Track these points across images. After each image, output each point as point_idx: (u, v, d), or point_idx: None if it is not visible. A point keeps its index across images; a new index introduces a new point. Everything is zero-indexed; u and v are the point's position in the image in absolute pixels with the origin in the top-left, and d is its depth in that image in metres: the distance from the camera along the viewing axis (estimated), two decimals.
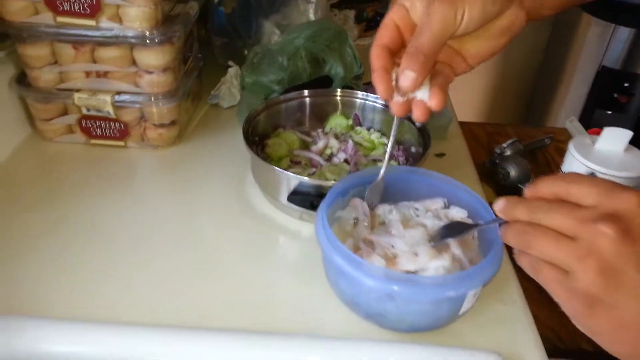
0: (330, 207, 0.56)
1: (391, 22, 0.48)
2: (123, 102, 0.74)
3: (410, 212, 0.59)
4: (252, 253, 0.64)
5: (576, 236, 0.34)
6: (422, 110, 0.50)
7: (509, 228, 0.39)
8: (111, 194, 0.72)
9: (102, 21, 0.69)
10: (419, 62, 0.46)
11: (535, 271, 0.37)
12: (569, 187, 0.36)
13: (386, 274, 0.47)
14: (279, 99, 0.79)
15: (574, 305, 0.35)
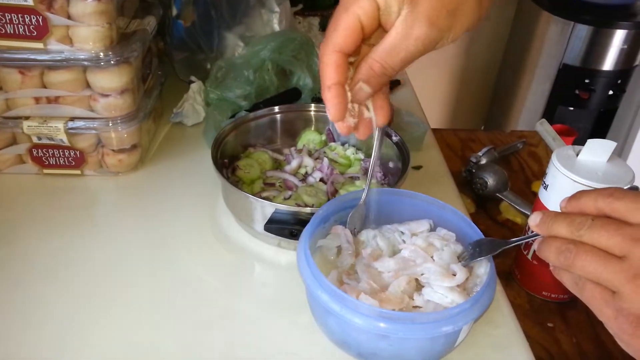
0: (312, 237, 0.53)
1: (356, 22, 0.39)
2: (77, 129, 0.68)
3: (395, 237, 0.56)
4: (228, 286, 0.60)
5: (625, 255, 0.32)
6: (368, 128, 0.46)
7: (548, 244, 0.36)
8: (68, 227, 0.66)
9: (51, 43, 0.63)
10: (381, 82, 0.42)
11: (579, 289, 0.35)
12: (614, 203, 0.33)
13: (378, 313, 0.44)
14: (248, 117, 0.75)
15: (621, 325, 0.33)
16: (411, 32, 0.39)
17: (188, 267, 0.62)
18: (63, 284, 0.58)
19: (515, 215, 0.81)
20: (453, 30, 0.40)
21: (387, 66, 0.40)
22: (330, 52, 0.40)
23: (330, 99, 0.42)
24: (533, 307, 0.66)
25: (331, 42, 0.40)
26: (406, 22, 0.39)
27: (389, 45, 0.40)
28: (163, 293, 0.58)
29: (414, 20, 0.38)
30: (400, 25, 0.39)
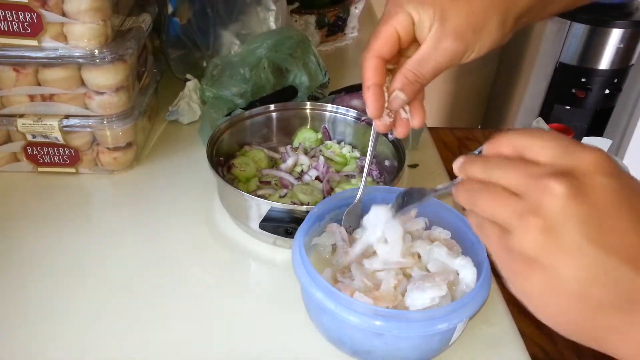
0: (307, 235, 0.53)
1: (393, 32, 0.45)
2: (72, 127, 0.68)
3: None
4: (223, 283, 0.60)
5: (523, 193, 0.31)
6: (406, 127, 0.50)
7: (461, 185, 0.35)
8: (63, 225, 0.66)
9: (45, 41, 0.63)
10: (415, 90, 0.46)
11: (479, 230, 0.34)
12: (528, 142, 0.32)
13: (373, 311, 0.44)
14: (243, 115, 0.74)
15: (510, 265, 0.31)
16: (440, 45, 0.44)
17: (183, 265, 0.62)
18: (58, 281, 0.58)
19: None
20: (478, 45, 0.45)
21: (420, 74, 0.45)
22: (370, 56, 0.46)
23: (369, 98, 0.47)
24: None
25: (371, 48, 0.46)
26: (436, 36, 0.44)
27: (421, 56, 0.45)
28: (158, 290, 0.58)
29: (442, 35, 0.44)
30: (430, 39, 0.44)
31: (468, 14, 0.44)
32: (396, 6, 0.45)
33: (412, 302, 0.47)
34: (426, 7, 0.44)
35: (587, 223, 0.29)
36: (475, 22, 0.44)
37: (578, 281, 0.29)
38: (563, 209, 0.29)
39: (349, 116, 0.76)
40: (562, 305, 0.30)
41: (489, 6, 0.44)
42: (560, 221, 0.29)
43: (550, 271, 0.29)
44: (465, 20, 0.44)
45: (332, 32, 1.20)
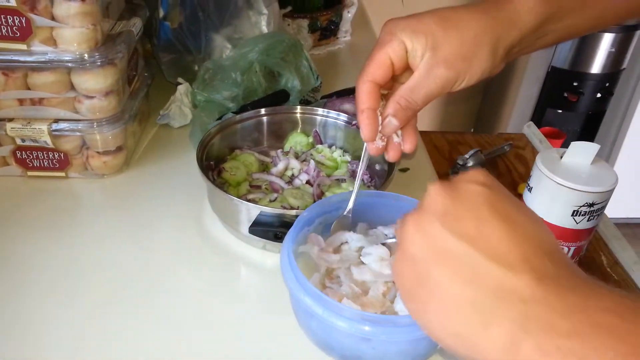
0: (295, 242, 0.52)
1: (387, 59, 0.46)
2: (61, 131, 0.68)
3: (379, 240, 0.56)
4: (213, 288, 0.60)
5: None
6: (397, 151, 0.51)
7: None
8: (52, 229, 0.65)
9: (35, 45, 0.63)
10: (407, 116, 0.47)
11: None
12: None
13: (361, 316, 0.44)
14: (234, 119, 0.74)
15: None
16: (431, 73, 0.45)
17: (172, 269, 0.62)
18: (47, 285, 0.58)
19: None
20: (468, 74, 0.46)
21: (412, 101, 0.47)
22: (364, 81, 0.47)
23: (363, 121, 0.48)
24: None
25: (365, 72, 0.47)
26: (428, 64, 0.45)
27: (413, 83, 0.46)
28: (147, 295, 0.58)
29: (434, 63, 0.45)
30: (422, 67, 0.46)
31: (459, 43, 0.45)
32: (390, 34, 0.46)
33: (401, 307, 0.47)
34: (419, 35, 0.45)
35: (447, 214, 0.31)
36: (466, 51, 0.45)
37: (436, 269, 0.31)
38: (431, 203, 0.32)
39: (340, 120, 0.77)
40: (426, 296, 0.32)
41: (480, 36, 0.45)
42: (426, 213, 0.32)
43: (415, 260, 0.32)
44: (456, 49, 0.45)
45: (324, 36, 1.21)
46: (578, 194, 0.57)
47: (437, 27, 0.45)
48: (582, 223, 0.59)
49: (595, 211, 0.59)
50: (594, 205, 0.58)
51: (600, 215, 0.60)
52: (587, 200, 0.58)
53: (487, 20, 0.46)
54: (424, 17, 0.46)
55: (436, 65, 0.45)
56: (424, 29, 0.45)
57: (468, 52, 0.45)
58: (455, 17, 0.46)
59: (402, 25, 0.46)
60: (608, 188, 0.58)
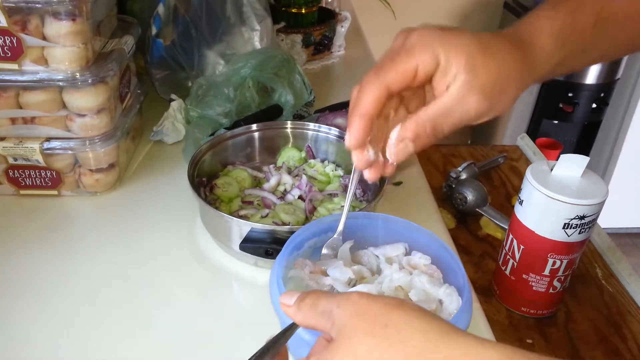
0: (285, 266, 0.52)
1: (413, 69, 0.41)
2: (53, 149, 0.68)
3: (370, 262, 0.55)
4: (205, 305, 0.60)
5: None
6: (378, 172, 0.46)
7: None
8: (45, 248, 0.65)
9: (26, 64, 0.63)
10: (426, 143, 0.43)
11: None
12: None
13: None
14: (226, 136, 0.75)
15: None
16: (466, 100, 0.40)
17: (164, 286, 0.61)
18: (40, 304, 0.58)
19: (496, 230, 0.81)
20: (496, 108, 0.42)
21: (439, 128, 0.41)
22: (379, 84, 0.41)
23: (355, 127, 0.42)
24: (512, 323, 0.66)
25: (382, 76, 0.41)
26: (463, 87, 0.40)
27: (444, 107, 0.41)
28: (139, 312, 0.58)
29: (470, 89, 0.40)
30: (456, 91, 0.40)
31: (497, 74, 0.41)
32: (424, 44, 0.41)
33: None
34: (458, 53, 0.40)
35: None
36: (502, 83, 0.41)
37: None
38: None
39: (332, 135, 0.77)
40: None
41: (514, 71, 0.42)
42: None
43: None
44: (494, 79, 0.41)
45: (318, 50, 1.21)
46: (569, 206, 0.57)
47: (477, 50, 0.41)
48: (574, 236, 0.59)
49: (586, 224, 0.59)
50: (585, 217, 0.58)
51: (592, 227, 0.60)
52: (578, 212, 0.58)
53: (520, 58, 0.43)
54: (463, 36, 0.41)
55: (472, 91, 0.40)
56: (463, 48, 0.40)
57: (503, 86, 0.42)
58: (495, 45, 0.42)
59: (440, 37, 0.41)
60: (599, 200, 0.58)
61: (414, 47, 0.41)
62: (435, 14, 2.11)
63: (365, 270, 0.54)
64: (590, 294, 0.72)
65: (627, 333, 0.66)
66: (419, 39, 0.41)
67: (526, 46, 0.44)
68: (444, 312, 0.49)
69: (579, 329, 0.66)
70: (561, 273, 0.62)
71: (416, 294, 0.50)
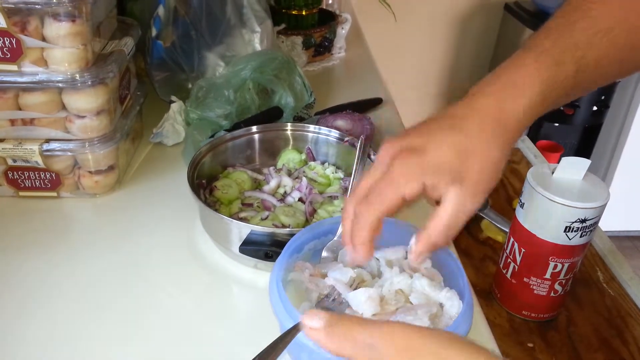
0: (285, 269, 0.52)
1: (401, 200, 0.44)
2: (52, 151, 0.68)
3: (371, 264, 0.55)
4: (204, 308, 0.59)
5: None
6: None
7: None
8: (44, 250, 0.65)
9: (25, 65, 0.63)
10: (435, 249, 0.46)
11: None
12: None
13: None
14: (225, 138, 0.74)
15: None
16: (462, 208, 0.43)
17: (163, 288, 0.61)
18: (39, 305, 0.58)
19: (496, 233, 0.81)
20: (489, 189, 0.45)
21: (448, 238, 0.45)
22: (371, 216, 0.45)
23: (361, 252, 0.46)
24: (513, 326, 0.66)
25: (374, 208, 0.45)
26: (457, 202, 0.43)
27: (447, 221, 0.44)
28: (137, 314, 0.57)
29: (463, 198, 0.43)
30: (450, 205, 0.43)
31: (483, 174, 0.44)
32: (406, 174, 0.44)
33: None
34: (440, 174, 0.43)
35: None
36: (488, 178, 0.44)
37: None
38: None
39: (332, 137, 0.76)
40: None
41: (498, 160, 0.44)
42: None
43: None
44: (479, 177, 0.44)
45: (319, 52, 1.21)
46: (570, 209, 0.57)
47: (457, 161, 0.43)
48: (575, 239, 0.59)
49: (588, 227, 0.58)
50: (586, 221, 0.58)
51: (594, 230, 0.60)
52: (580, 216, 0.57)
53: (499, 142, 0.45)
54: (442, 151, 0.44)
55: (465, 200, 0.43)
56: (445, 165, 0.43)
57: (489, 177, 0.44)
58: (471, 147, 0.44)
59: (420, 159, 0.44)
60: (600, 203, 0.57)
61: (398, 179, 0.44)
62: (435, 17, 2.11)
63: (365, 273, 0.54)
64: (591, 297, 0.71)
65: (628, 337, 0.65)
66: (401, 168, 0.44)
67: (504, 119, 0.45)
68: (444, 316, 0.48)
69: (580, 332, 0.66)
70: (562, 277, 0.62)
71: (417, 297, 0.49)
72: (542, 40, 0.47)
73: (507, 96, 0.45)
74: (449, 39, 2.16)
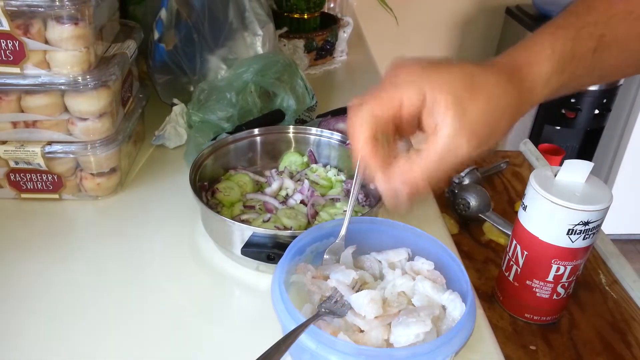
0: (287, 271, 0.52)
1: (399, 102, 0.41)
2: (55, 153, 0.68)
3: (373, 267, 0.55)
4: (206, 311, 0.59)
5: None
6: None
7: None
8: (46, 252, 0.65)
9: (28, 68, 0.63)
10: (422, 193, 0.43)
11: None
12: None
13: (356, 349, 0.43)
14: (227, 140, 0.74)
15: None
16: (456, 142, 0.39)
17: (165, 291, 0.61)
18: (41, 307, 0.57)
19: (499, 235, 0.81)
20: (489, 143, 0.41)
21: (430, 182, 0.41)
22: (366, 114, 0.42)
23: (367, 154, 0.42)
24: (516, 329, 0.66)
25: (367, 107, 0.42)
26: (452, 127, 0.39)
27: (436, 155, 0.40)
28: (140, 316, 0.57)
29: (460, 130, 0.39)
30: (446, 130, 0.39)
31: (488, 110, 0.40)
32: (410, 80, 0.41)
33: (396, 338, 0.46)
34: (444, 91, 0.40)
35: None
36: (491, 120, 0.41)
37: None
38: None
39: (334, 139, 0.76)
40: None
41: (506, 107, 0.42)
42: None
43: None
44: (484, 116, 0.40)
45: (320, 55, 1.21)
46: (573, 212, 0.57)
47: (464, 87, 0.40)
48: (578, 242, 0.59)
49: (590, 230, 0.58)
50: (589, 223, 0.58)
51: (596, 233, 0.59)
52: (582, 218, 0.57)
53: (512, 90, 0.42)
54: (451, 72, 0.41)
55: (462, 132, 0.39)
56: (450, 85, 0.40)
57: (493, 121, 0.41)
58: (483, 81, 0.41)
59: (427, 73, 0.41)
60: (603, 206, 0.57)
61: (400, 83, 0.42)
62: (437, 20, 2.11)
63: (367, 276, 0.54)
64: (594, 300, 0.71)
65: (631, 340, 0.65)
66: (405, 76, 0.42)
67: (522, 75, 0.43)
68: (447, 318, 0.48)
69: (582, 335, 0.66)
70: (565, 279, 0.62)
71: (419, 299, 0.49)
72: (558, 20, 0.46)
73: (524, 59, 0.44)
74: (450, 42, 2.16)
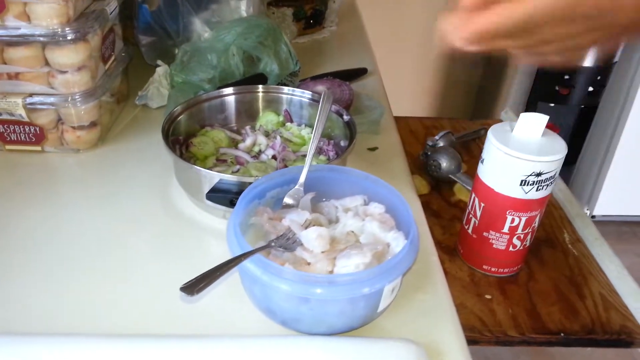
0: (246, 212, 0.54)
1: None
2: (35, 104, 0.71)
3: (330, 212, 0.58)
4: (175, 256, 0.62)
5: None
6: None
7: None
8: (29, 202, 0.68)
9: (8, 20, 0.66)
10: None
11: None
12: None
13: (300, 276, 0.45)
14: (201, 98, 0.77)
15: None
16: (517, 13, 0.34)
17: (139, 238, 0.64)
18: (23, 257, 0.60)
19: (467, 195, 0.83)
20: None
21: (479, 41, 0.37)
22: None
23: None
24: (474, 280, 0.68)
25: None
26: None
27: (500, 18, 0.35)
28: (115, 264, 0.60)
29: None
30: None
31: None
32: None
33: (338, 270, 0.49)
34: None
35: None
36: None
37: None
38: None
39: (305, 97, 0.79)
40: None
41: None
42: None
43: None
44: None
45: (309, 25, 1.23)
46: (525, 163, 0.59)
47: None
48: (532, 193, 0.61)
49: (543, 181, 0.60)
50: (541, 174, 0.59)
51: (550, 185, 0.61)
52: (534, 169, 0.59)
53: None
54: None
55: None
56: None
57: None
58: None
59: None
60: (555, 158, 0.59)
61: None
62: None
63: (322, 218, 0.57)
64: (555, 257, 0.73)
65: (586, 292, 0.67)
66: None
67: None
68: (390, 254, 0.51)
69: (539, 287, 0.68)
70: (520, 231, 0.64)
71: (366, 237, 0.52)
72: None
73: None
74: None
